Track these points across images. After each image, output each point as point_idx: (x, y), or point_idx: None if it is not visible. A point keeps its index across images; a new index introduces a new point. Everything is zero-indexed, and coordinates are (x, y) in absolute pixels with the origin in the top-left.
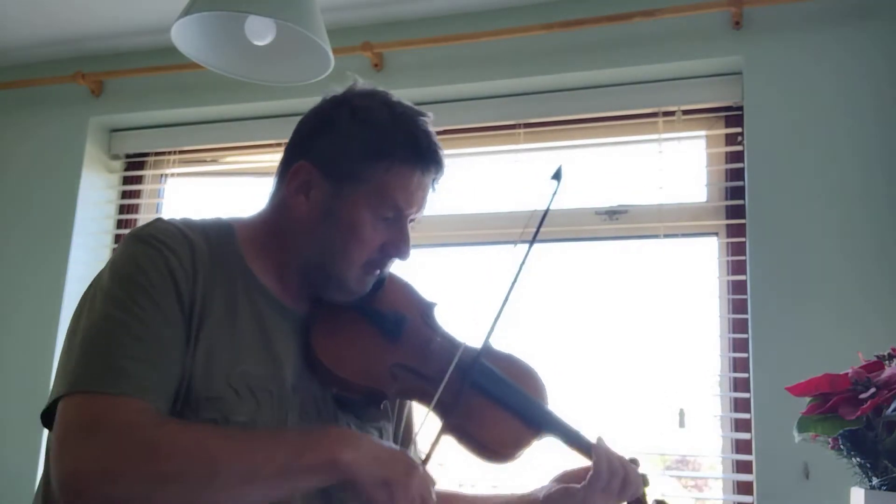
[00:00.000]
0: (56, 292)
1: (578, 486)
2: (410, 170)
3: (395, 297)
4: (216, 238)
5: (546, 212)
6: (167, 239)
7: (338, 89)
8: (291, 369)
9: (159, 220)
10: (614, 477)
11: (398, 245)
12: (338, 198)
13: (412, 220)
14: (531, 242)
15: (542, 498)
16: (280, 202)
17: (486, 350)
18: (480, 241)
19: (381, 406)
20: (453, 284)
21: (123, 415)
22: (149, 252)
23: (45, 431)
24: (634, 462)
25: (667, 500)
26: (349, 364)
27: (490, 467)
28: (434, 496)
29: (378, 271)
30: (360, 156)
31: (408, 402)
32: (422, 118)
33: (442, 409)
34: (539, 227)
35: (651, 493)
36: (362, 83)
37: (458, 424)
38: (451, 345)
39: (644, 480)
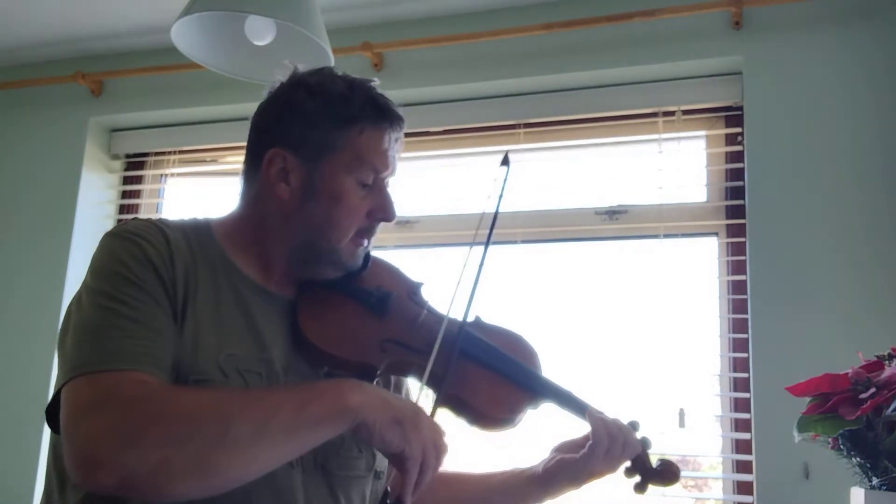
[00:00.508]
0: (56, 292)
1: (577, 455)
2: (380, 130)
3: (380, 277)
4: (194, 234)
5: (500, 196)
6: (141, 232)
7: (281, 78)
8: (280, 352)
9: (134, 218)
10: (614, 442)
11: (384, 207)
12: (317, 173)
13: (387, 183)
14: (490, 227)
15: (541, 471)
16: (258, 194)
17: (476, 322)
18: (480, 242)
19: (374, 383)
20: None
21: (129, 386)
22: (125, 245)
23: (46, 428)
24: (634, 425)
25: (671, 460)
26: (338, 341)
27: (490, 436)
28: (446, 442)
29: (366, 241)
30: (329, 127)
31: (403, 382)
32: (374, 82)
33: (434, 381)
34: (496, 212)
35: (653, 455)
36: (302, 67)
37: (453, 394)
38: (438, 318)
39: (645, 443)
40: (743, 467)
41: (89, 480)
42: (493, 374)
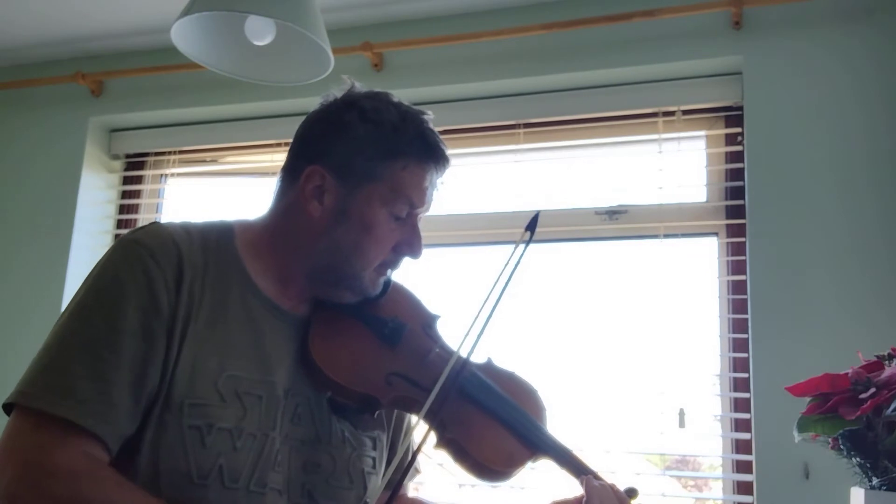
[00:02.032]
0: (56, 292)
1: None
2: (424, 168)
3: (398, 305)
4: (215, 240)
5: (519, 261)
6: (153, 244)
7: (337, 93)
8: (285, 372)
9: (154, 223)
10: None
11: (412, 243)
12: (352, 198)
13: (420, 220)
14: (505, 286)
15: None
16: (289, 206)
17: (487, 365)
18: (480, 242)
19: (375, 415)
20: (453, 284)
21: (66, 457)
22: (130, 259)
23: None
24: (630, 492)
25: None
26: (345, 368)
27: (484, 484)
28: None
29: (389, 271)
30: (375, 155)
31: (405, 415)
32: (426, 117)
33: (432, 419)
34: (512, 274)
35: None
36: (360, 85)
37: (452, 439)
38: (449, 356)
39: None
40: (743, 467)
41: None
42: (495, 423)
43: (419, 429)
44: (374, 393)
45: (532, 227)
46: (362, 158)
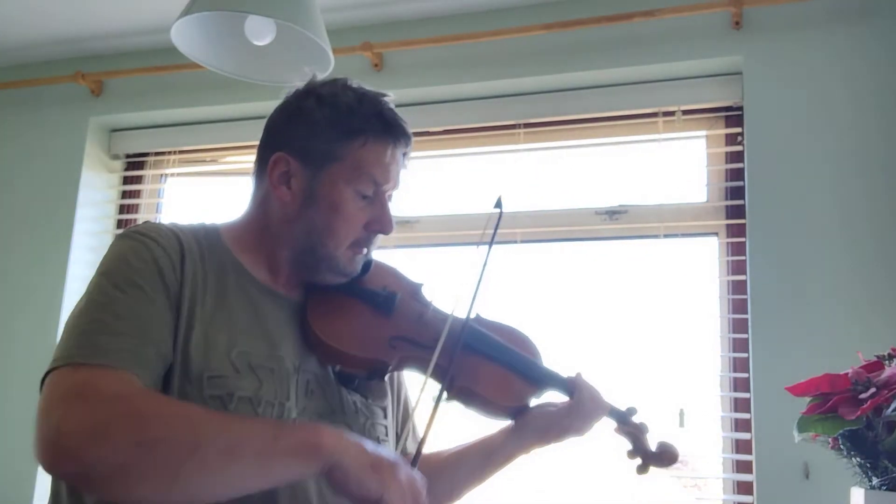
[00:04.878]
0: (56, 292)
1: (554, 408)
2: (383, 144)
3: (384, 278)
4: (205, 238)
5: (493, 238)
6: (153, 233)
7: (299, 84)
8: (290, 351)
9: (146, 222)
10: (595, 404)
11: (381, 220)
12: (317, 181)
13: (390, 196)
14: (484, 264)
15: (514, 424)
16: (263, 197)
17: (476, 319)
18: (480, 242)
19: (385, 378)
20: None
21: (109, 383)
22: (134, 245)
23: None
24: (631, 411)
25: (668, 442)
26: (349, 339)
27: (496, 425)
28: (425, 494)
29: (365, 250)
30: (334, 136)
31: (403, 385)
32: (384, 97)
33: (440, 374)
34: (489, 252)
35: (652, 439)
36: (320, 76)
37: (463, 386)
38: (442, 316)
39: (643, 427)
40: (743, 467)
41: (52, 468)
42: (499, 367)
43: (428, 387)
44: (383, 357)
45: (499, 206)
46: (322, 140)
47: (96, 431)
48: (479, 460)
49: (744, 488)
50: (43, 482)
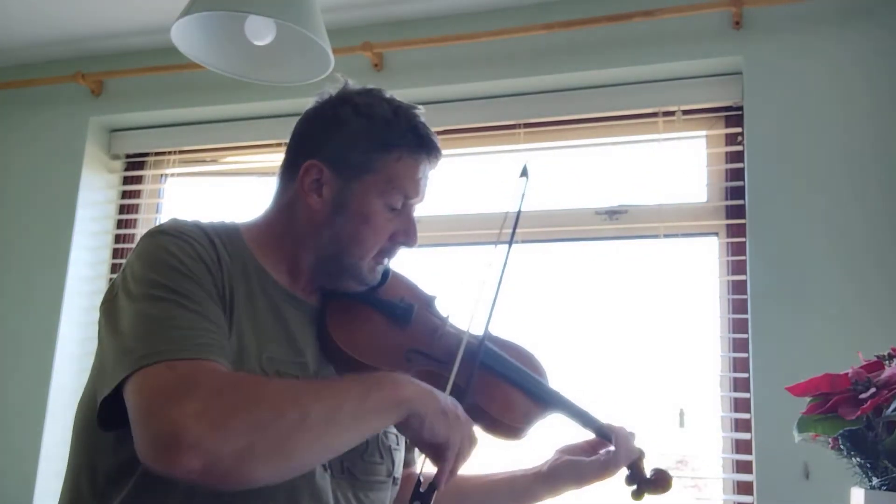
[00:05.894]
0: (57, 292)
1: (588, 458)
2: (417, 159)
3: (400, 289)
4: (227, 238)
5: (519, 210)
6: (189, 230)
7: (332, 90)
8: (312, 356)
9: (175, 218)
10: (630, 451)
11: (407, 232)
12: (349, 190)
13: (415, 209)
14: (510, 242)
15: (547, 469)
16: (289, 202)
17: (489, 336)
18: (481, 242)
19: None
20: (454, 284)
21: (208, 375)
22: (176, 241)
23: (49, 431)
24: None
25: (664, 469)
26: (367, 349)
27: (500, 443)
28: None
29: (387, 260)
30: (369, 148)
31: None
32: (417, 111)
33: (457, 391)
34: (515, 225)
35: (647, 464)
36: (353, 83)
37: (473, 404)
38: (456, 331)
39: (640, 452)
40: (743, 467)
41: (171, 465)
42: (508, 386)
43: None
44: (398, 369)
45: (525, 174)
46: (357, 152)
47: (214, 423)
48: (506, 499)
49: (744, 488)
50: (43, 482)
